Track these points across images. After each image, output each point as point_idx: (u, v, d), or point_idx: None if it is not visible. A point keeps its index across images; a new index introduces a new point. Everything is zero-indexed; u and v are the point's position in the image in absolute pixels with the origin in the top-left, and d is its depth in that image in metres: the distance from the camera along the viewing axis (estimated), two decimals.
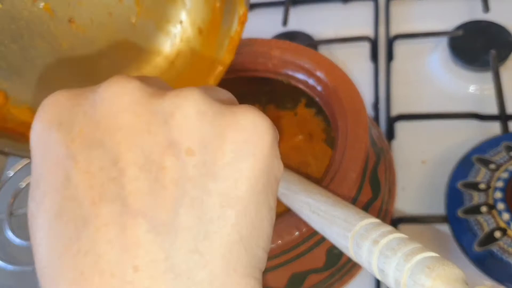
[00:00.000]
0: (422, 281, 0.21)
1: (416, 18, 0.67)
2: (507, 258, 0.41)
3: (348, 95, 0.40)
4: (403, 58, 0.63)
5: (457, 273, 0.21)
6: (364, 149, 0.37)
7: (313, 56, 0.44)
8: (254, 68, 0.47)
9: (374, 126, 0.48)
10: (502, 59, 0.57)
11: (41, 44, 0.36)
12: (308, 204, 0.31)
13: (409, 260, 0.22)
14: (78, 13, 0.36)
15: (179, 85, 0.41)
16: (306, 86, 0.45)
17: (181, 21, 0.41)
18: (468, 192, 0.45)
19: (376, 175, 0.42)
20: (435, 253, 0.22)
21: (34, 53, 0.36)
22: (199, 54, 0.41)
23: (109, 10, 0.38)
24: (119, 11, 0.38)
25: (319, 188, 0.33)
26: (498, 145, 0.48)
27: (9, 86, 0.35)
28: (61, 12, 0.36)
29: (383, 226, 0.25)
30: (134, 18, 0.39)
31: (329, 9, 0.72)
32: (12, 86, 0.35)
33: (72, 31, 0.37)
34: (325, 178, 0.37)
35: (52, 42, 0.36)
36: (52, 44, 0.36)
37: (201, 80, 0.41)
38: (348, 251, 0.27)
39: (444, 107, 0.56)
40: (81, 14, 0.37)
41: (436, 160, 0.53)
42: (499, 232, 0.42)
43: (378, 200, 0.41)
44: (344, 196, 0.35)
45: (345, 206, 0.29)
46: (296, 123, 0.47)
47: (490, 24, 0.60)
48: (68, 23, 0.36)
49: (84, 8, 0.37)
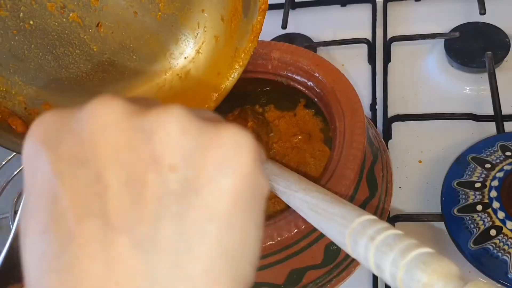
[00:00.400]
0: (418, 277, 0.22)
1: (413, 20, 0.67)
2: (502, 256, 0.41)
3: (346, 96, 0.41)
4: (400, 60, 0.63)
5: (452, 269, 0.22)
6: (361, 149, 0.37)
7: (312, 58, 0.44)
8: (254, 70, 0.48)
9: (371, 126, 0.48)
10: (498, 61, 0.57)
11: (74, 51, 0.38)
12: (307, 202, 0.32)
13: (405, 256, 0.23)
14: (105, 17, 0.38)
15: (205, 75, 0.41)
16: (305, 87, 0.45)
17: (203, 10, 0.42)
18: (464, 191, 0.46)
19: (373, 174, 0.42)
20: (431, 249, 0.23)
21: (68, 60, 0.38)
22: (222, 44, 0.42)
23: (133, 9, 0.39)
24: (143, 9, 0.40)
25: (318, 186, 0.33)
26: (493, 145, 0.49)
27: (48, 95, 0.37)
28: (88, 19, 0.37)
29: (379, 222, 0.26)
30: (157, 13, 0.40)
31: (327, 12, 0.72)
32: (51, 94, 0.37)
33: (101, 35, 0.39)
34: (323, 177, 0.38)
35: (83, 48, 0.38)
36: (84, 49, 0.38)
37: (225, 70, 0.42)
38: (345, 248, 0.27)
39: (440, 107, 0.57)
40: (107, 17, 0.38)
41: (433, 160, 0.53)
42: (495, 230, 0.42)
43: (375, 198, 0.41)
44: (342, 194, 0.35)
45: (342, 204, 0.29)
46: (296, 123, 0.47)
47: (486, 25, 0.61)
48: (96, 28, 0.38)
49: (110, 11, 0.38)
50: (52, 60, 0.37)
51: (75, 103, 0.21)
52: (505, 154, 0.47)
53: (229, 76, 0.43)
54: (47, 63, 0.37)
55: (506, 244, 0.41)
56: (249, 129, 0.46)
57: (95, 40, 0.38)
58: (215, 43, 0.43)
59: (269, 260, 0.36)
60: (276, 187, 0.38)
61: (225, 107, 0.51)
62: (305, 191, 0.33)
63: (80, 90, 0.39)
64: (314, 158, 0.44)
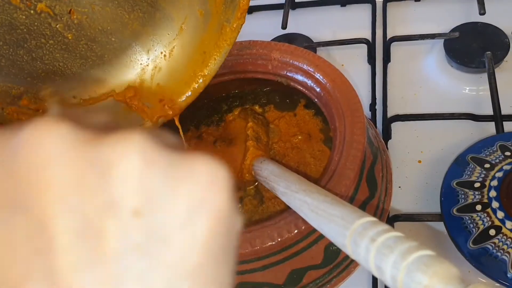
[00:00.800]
0: (419, 279, 0.22)
1: (413, 20, 0.67)
2: (501, 256, 0.41)
3: (345, 96, 0.41)
4: (400, 60, 0.63)
5: (453, 271, 0.22)
6: (361, 149, 0.37)
7: (312, 58, 0.44)
8: (254, 70, 0.48)
9: (371, 126, 0.48)
10: (498, 61, 0.57)
11: (47, 42, 0.36)
12: (307, 203, 0.32)
13: (406, 258, 0.23)
14: (76, 3, 0.36)
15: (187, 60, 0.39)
16: (305, 87, 0.45)
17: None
18: (463, 191, 0.46)
19: (373, 175, 0.42)
20: (432, 251, 0.23)
21: (41, 52, 0.36)
22: (207, 19, 0.40)
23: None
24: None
25: (318, 187, 0.34)
26: (493, 145, 0.49)
27: (25, 90, 0.36)
28: (58, 7, 0.35)
29: (380, 224, 0.26)
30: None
31: (327, 12, 0.72)
32: (27, 89, 0.36)
33: (75, 22, 0.37)
34: (323, 177, 0.38)
35: (57, 37, 0.36)
36: (58, 39, 0.36)
37: (211, 48, 0.40)
38: (346, 249, 0.27)
39: (440, 107, 0.57)
40: (79, 2, 0.36)
41: (432, 160, 0.53)
42: (494, 230, 0.43)
43: (375, 198, 0.41)
44: (342, 195, 0.35)
45: (342, 205, 0.29)
46: (296, 123, 0.48)
47: (486, 25, 0.61)
48: (68, 15, 0.36)
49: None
50: (25, 54, 0.35)
51: (55, 94, 0.18)
52: (505, 154, 0.47)
53: (216, 55, 0.40)
54: (19, 58, 0.35)
55: (505, 243, 0.42)
56: (249, 129, 0.46)
57: (68, 28, 0.36)
58: (200, 18, 0.40)
59: (269, 260, 0.37)
60: (276, 187, 0.38)
61: (225, 107, 0.51)
62: (305, 192, 0.33)
63: (59, 79, 0.38)
64: (314, 158, 0.44)
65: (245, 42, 0.48)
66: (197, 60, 0.41)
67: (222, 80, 0.50)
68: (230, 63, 0.48)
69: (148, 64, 0.42)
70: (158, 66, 0.42)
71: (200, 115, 0.51)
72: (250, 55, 0.47)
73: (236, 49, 0.48)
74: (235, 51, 0.48)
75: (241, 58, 0.48)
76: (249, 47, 0.48)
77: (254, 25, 0.75)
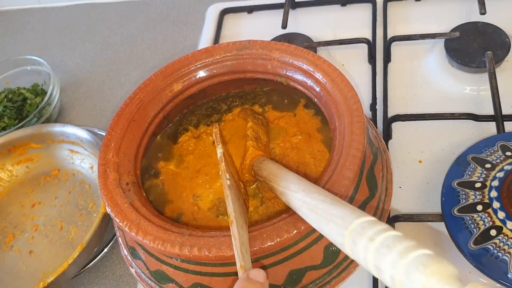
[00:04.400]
0: (417, 278, 0.22)
1: (413, 20, 0.67)
2: (502, 256, 0.41)
3: (345, 96, 0.41)
4: (400, 60, 0.63)
5: (451, 270, 0.22)
6: (361, 149, 0.37)
7: (312, 57, 0.44)
8: (254, 70, 0.48)
9: (371, 126, 0.48)
10: (498, 60, 0.57)
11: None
12: (306, 203, 0.32)
13: (404, 258, 0.23)
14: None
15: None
16: (305, 87, 0.45)
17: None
18: (464, 191, 0.46)
19: (373, 174, 0.42)
20: (430, 250, 0.23)
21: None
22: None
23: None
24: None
25: (317, 187, 0.33)
26: (493, 145, 0.49)
27: None
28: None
29: (378, 224, 0.26)
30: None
31: (327, 12, 0.72)
32: None
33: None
34: (323, 177, 0.37)
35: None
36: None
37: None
38: (344, 249, 0.27)
39: (440, 107, 0.57)
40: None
41: (433, 160, 0.53)
42: (495, 230, 0.42)
43: (375, 199, 0.41)
44: (342, 195, 0.35)
45: (342, 205, 0.29)
46: (296, 123, 0.47)
47: (486, 25, 0.61)
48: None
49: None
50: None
51: None
52: (505, 154, 0.47)
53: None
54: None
55: (506, 244, 0.41)
56: (249, 129, 0.46)
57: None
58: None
59: (268, 261, 0.36)
60: (275, 187, 0.38)
61: (225, 107, 0.51)
62: (305, 192, 0.33)
63: None
64: (314, 158, 0.44)
65: (245, 41, 0.48)
66: None
67: (222, 80, 0.50)
68: (230, 63, 0.48)
69: None
70: None
71: (200, 115, 0.51)
72: (249, 55, 0.47)
73: (236, 49, 0.48)
74: (234, 51, 0.48)
75: (240, 58, 0.48)
76: (248, 47, 0.47)
77: (254, 25, 0.75)
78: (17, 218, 0.63)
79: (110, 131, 0.44)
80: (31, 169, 0.66)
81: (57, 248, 0.58)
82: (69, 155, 0.65)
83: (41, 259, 0.58)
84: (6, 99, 0.74)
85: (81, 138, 0.62)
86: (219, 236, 0.35)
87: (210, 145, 0.48)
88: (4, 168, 0.66)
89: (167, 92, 0.48)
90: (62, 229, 0.59)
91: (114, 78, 0.79)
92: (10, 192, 0.65)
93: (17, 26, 0.94)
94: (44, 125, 0.65)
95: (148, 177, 0.47)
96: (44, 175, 0.66)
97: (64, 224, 0.60)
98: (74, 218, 0.60)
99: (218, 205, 0.43)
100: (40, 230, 0.60)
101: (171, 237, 0.36)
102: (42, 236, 0.59)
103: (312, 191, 0.32)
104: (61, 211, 0.61)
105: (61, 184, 0.64)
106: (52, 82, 0.71)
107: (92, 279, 0.57)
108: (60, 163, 0.65)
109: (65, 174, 0.65)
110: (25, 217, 0.62)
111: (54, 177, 0.65)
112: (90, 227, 0.58)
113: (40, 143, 0.65)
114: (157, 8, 0.87)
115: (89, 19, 0.90)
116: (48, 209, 0.62)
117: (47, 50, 0.87)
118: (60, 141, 0.64)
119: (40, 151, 0.66)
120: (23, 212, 0.63)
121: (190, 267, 0.38)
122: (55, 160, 0.66)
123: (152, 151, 0.49)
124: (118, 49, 0.83)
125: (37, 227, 0.60)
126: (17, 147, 0.65)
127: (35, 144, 0.65)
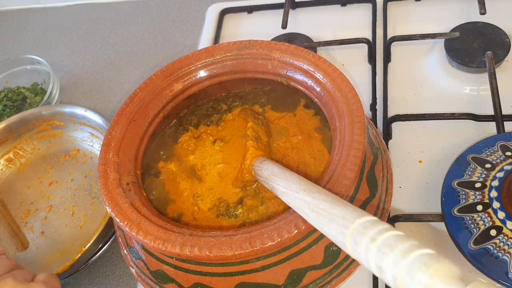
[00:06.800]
0: (419, 278, 0.22)
1: (413, 20, 0.67)
2: (502, 256, 0.41)
3: (346, 96, 0.41)
4: (400, 60, 0.63)
5: (453, 270, 0.22)
6: (361, 149, 0.37)
7: (312, 57, 0.44)
8: (254, 70, 0.48)
9: (371, 126, 0.48)
10: (498, 60, 0.57)
11: None
12: (307, 203, 0.32)
13: (406, 257, 0.23)
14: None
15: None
16: (305, 87, 0.45)
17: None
18: (464, 191, 0.46)
19: (374, 174, 0.42)
20: (432, 250, 0.23)
21: None
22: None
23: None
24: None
25: (318, 187, 0.33)
26: (493, 145, 0.49)
27: None
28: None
29: (380, 223, 0.26)
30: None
31: (328, 12, 0.72)
32: None
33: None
34: (323, 177, 0.38)
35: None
36: None
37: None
38: (346, 248, 0.27)
39: (440, 107, 0.57)
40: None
41: (433, 160, 0.53)
42: (495, 230, 0.42)
43: (375, 198, 0.41)
44: (342, 194, 0.35)
45: (343, 204, 0.29)
46: (296, 123, 0.47)
47: (486, 25, 0.61)
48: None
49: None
50: None
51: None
52: (505, 154, 0.47)
53: None
54: None
55: (506, 244, 0.41)
56: (249, 129, 0.46)
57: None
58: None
59: (269, 260, 0.37)
60: (276, 187, 0.38)
61: (225, 107, 0.51)
62: (306, 191, 0.33)
63: None
64: (314, 158, 0.44)
65: (245, 41, 0.48)
66: None
67: (222, 80, 0.49)
68: (230, 62, 0.48)
69: None
70: None
71: (200, 115, 0.51)
72: (250, 54, 0.47)
73: (236, 48, 0.48)
74: (235, 50, 0.48)
75: (241, 58, 0.48)
76: (249, 46, 0.47)
77: (254, 25, 0.75)
78: (35, 194, 0.64)
79: (110, 131, 0.44)
80: (53, 144, 0.68)
81: (67, 234, 0.59)
82: (89, 138, 0.67)
83: (50, 242, 0.59)
84: (6, 98, 0.74)
85: (100, 125, 0.63)
86: (220, 236, 0.35)
87: (210, 145, 0.48)
88: (29, 141, 0.68)
89: (167, 92, 0.48)
90: (74, 215, 0.60)
91: (114, 78, 0.79)
92: (32, 165, 0.68)
93: (17, 26, 0.94)
94: (66, 105, 0.67)
95: (148, 177, 0.47)
96: (64, 153, 0.67)
97: (76, 210, 0.61)
98: (86, 206, 0.61)
99: (218, 205, 0.43)
100: (53, 211, 0.62)
101: (171, 237, 0.36)
102: (54, 218, 0.61)
103: (313, 191, 0.32)
104: (75, 195, 0.63)
105: (78, 165, 0.66)
106: (52, 81, 0.71)
107: (92, 278, 0.57)
108: (80, 143, 0.67)
109: (84, 155, 0.66)
110: (41, 194, 0.64)
111: (74, 156, 0.67)
112: (99, 218, 0.59)
113: (63, 121, 0.67)
114: (157, 8, 0.87)
115: (89, 19, 0.90)
116: (64, 191, 0.63)
117: (47, 50, 0.87)
118: (82, 123, 0.66)
119: (63, 129, 0.68)
120: (41, 189, 0.64)
121: (190, 267, 0.38)
122: (76, 139, 0.68)
123: (152, 151, 0.49)
124: (118, 49, 0.83)
125: (51, 208, 0.62)
126: (41, 122, 0.67)
127: (58, 122, 0.67)
